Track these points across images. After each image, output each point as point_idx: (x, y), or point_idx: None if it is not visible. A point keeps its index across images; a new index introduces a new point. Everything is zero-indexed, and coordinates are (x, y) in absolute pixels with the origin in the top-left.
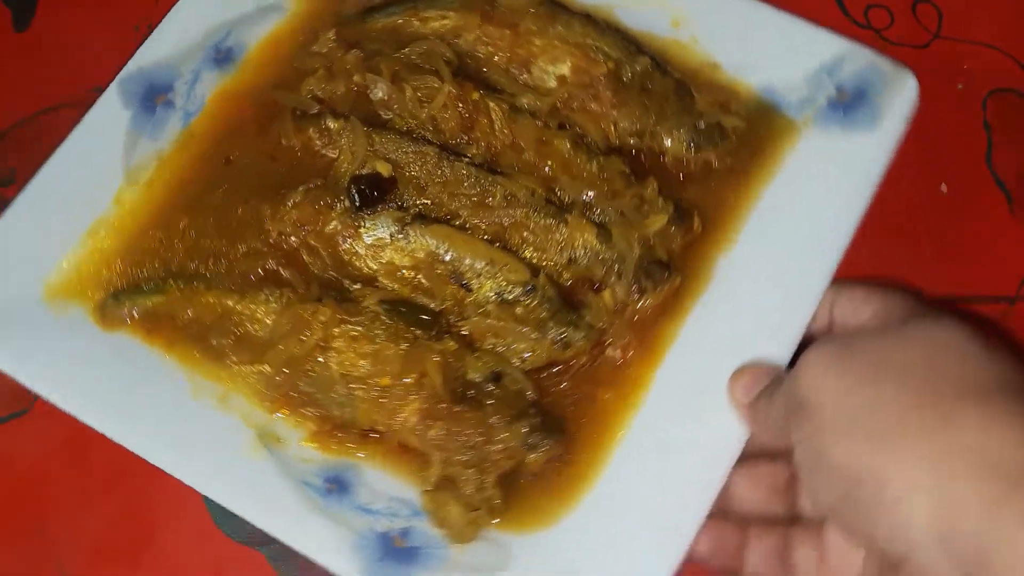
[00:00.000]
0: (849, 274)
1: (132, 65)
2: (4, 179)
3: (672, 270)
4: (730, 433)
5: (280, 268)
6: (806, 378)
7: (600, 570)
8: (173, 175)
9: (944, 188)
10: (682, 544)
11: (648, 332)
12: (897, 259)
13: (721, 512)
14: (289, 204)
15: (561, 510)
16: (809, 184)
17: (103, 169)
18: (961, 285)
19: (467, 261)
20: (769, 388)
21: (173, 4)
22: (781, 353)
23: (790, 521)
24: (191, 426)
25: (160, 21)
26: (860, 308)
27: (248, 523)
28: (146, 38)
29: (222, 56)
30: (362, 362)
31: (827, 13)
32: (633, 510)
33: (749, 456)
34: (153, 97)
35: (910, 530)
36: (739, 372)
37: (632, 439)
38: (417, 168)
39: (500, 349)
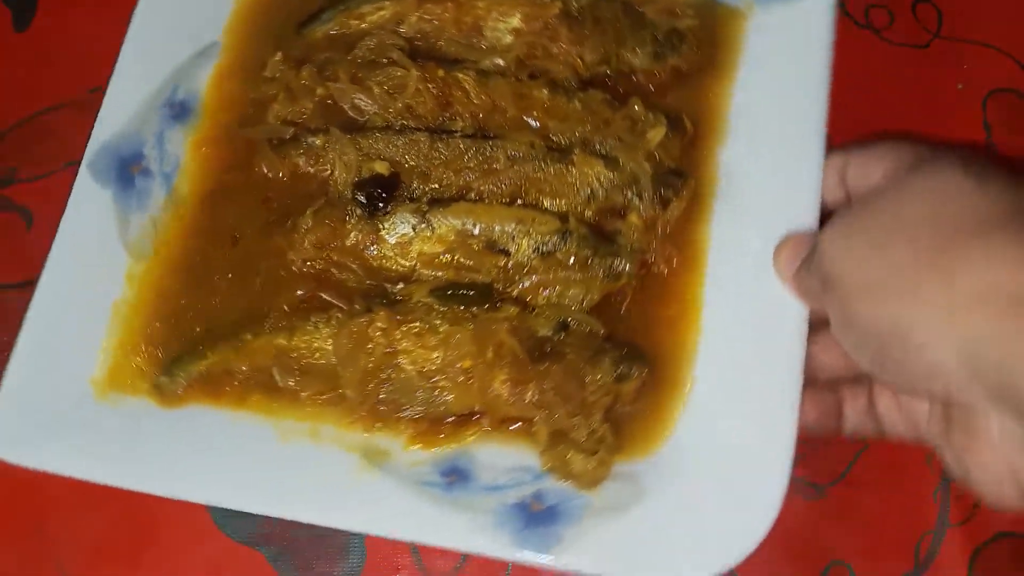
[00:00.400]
0: None
1: (94, 143)
2: (4, 179)
3: (684, 174)
4: (793, 307)
5: (318, 293)
6: (825, 253)
7: (729, 467)
8: (176, 239)
9: None
10: (792, 419)
11: (683, 238)
12: None
13: (810, 382)
14: (303, 230)
15: (667, 425)
16: (772, 59)
17: (104, 254)
18: None
19: (496, 228)
20: (807, 259)
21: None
22: (808, 219)
23: (870, 377)
24: (294, 470)
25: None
26: (870, 170)
27: (248, 523)
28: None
29: (177, 110)
30: (435, 354)
31: None
32: (733, 404)
33: (816, 324)
34: (128, 168)
35: (941, 371)
36: (779, 247)
37: (708, 340)
38: (414, 157)
39: (556, 300)
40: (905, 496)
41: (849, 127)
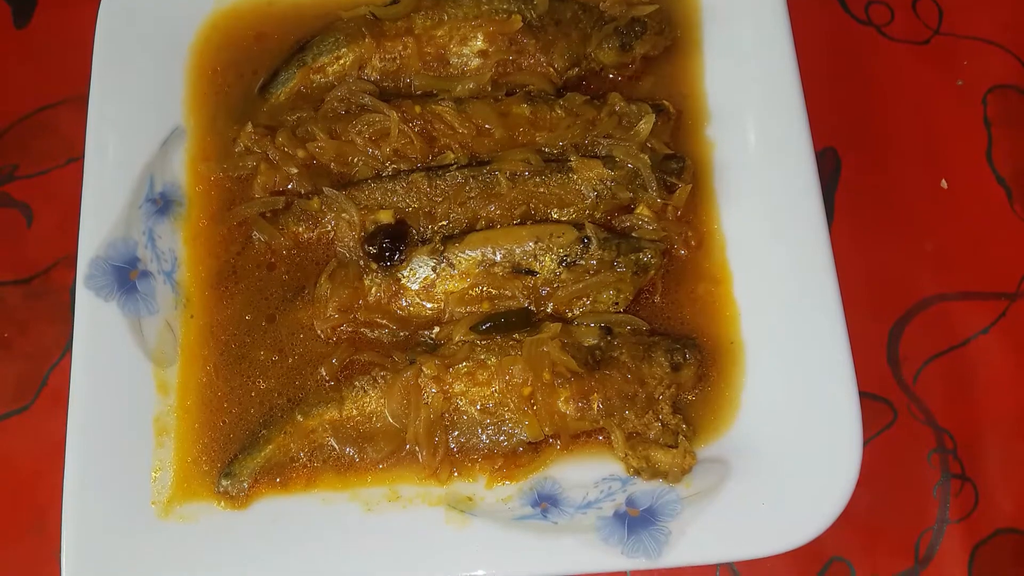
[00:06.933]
0: (850, 270)
1: (84, 259)
2: (4, 175)
3: (681, 157)
4: (819, 255)
5: (355, 357)
6: None
7: (800, 428)
8: (198, 337)
9: (944, 184)
10: (849, 366)
11: (695, 218)
12: (897, 254)
13: None
14: (323, 297)
15: (734, 400)
16: (732, 27)
17: (128, 369)
18: (961, 281)
19: (517, 250)
20: None
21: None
22: (804, 165)
23: None
24: (384, 534)
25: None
26: None
27: None
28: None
29: (160, 205)
30: (491, 389)
31: (828, 9)
32: (789, 365)
33: None
34: (126, 275)
35: None
36: None
37: (746, 310)
38: (415, 199)
39: (592, 307)
40: (905, 492)
41: (849, 125)
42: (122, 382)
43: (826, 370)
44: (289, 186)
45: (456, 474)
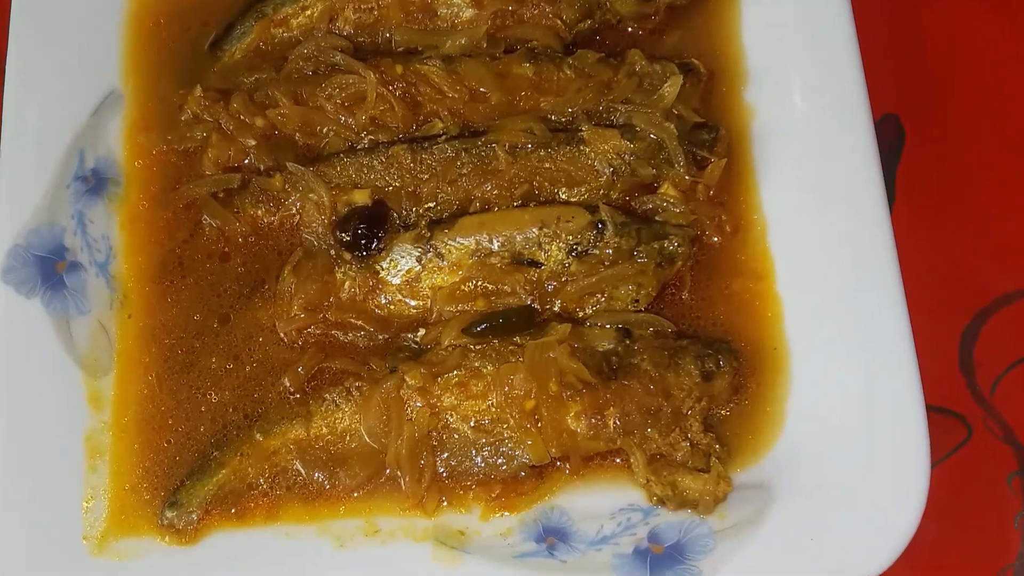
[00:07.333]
0: (914, 261)
1: (2, 247)
2: None
3: (714, 126)
4: (880, 248)
5: (325, 364)
6: None
7: (857, 451)
8: (138, 341)
9: None
10: (916, 382)
11: (730, 198)
12: (971, 243)
13: None
14: (286, 294)
15: (776, 417)
16: None
17: (54, 379)
18: None
19: (517, 237)
20: None
21: None
22: (860, 136)
23: None
24: (360, 575)
25: None
26: None
27: None
28: None
29: (93, 183)
30: (487, 403)
31: None
32: (844, 378)
33: None
34: (52, 267)
35: None
36: None
37: (792, 309)
38: (396, 176)
39: (608, 304)
40: (981, 523)
41: (914, 88)
42: (47, 395)
43: (886, 379)
44: (246, 161)
45: (446, 504)
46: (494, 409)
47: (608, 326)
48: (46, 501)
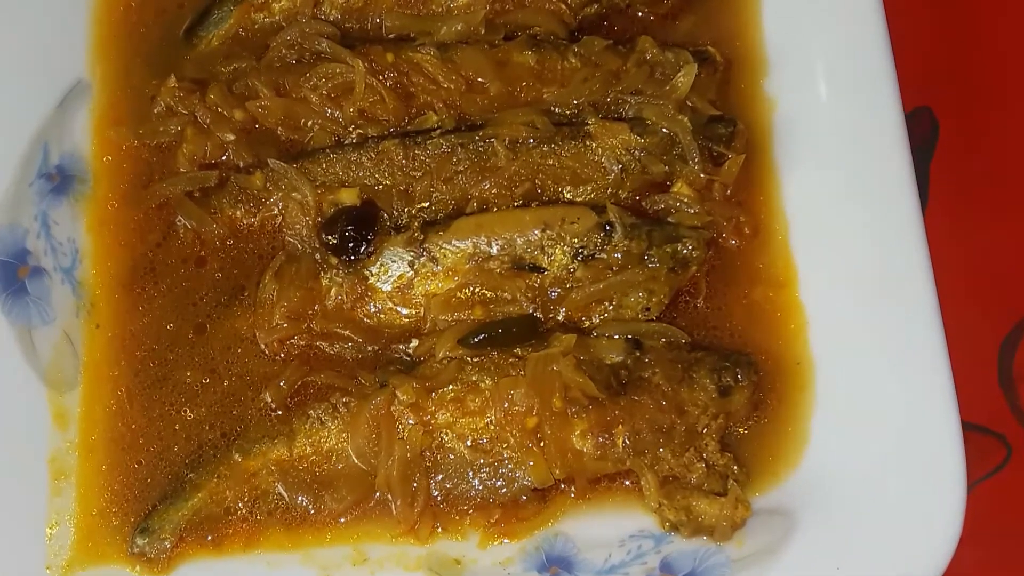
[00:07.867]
0: (949, 266)
1: None
2: None
3: (731, 120)
4: (913, 252)
5: (310, 377)
6: None
7: (887, 472)
8: (106, 353)
9: None
10: (952, 402)
11: (749, 198)
12: (1010, 245)
13: None
14: (267, 301)
15: (799, 436)
16: None
17: (15, 394)
18: None
19: (518, 240)
20: None
21: None
22: (890, 130)
23: None
24: None
25: None
26: None
27: None
28: None
29: (58, 181)
30: (484, 420)
31: None
32: (873, 394)
33: None
34: (14, 273)
35: None
36: None
37: (816, 319)
38: (387, 174)
39: (616, 313)
40: (1021, 550)
41: (949, 79)
42: (7, 411)
43: (919, 396)
44: (224, 157)
45: (440, 530)
46: (493, 427)
47: (617, 337)
48: (6, 527)
